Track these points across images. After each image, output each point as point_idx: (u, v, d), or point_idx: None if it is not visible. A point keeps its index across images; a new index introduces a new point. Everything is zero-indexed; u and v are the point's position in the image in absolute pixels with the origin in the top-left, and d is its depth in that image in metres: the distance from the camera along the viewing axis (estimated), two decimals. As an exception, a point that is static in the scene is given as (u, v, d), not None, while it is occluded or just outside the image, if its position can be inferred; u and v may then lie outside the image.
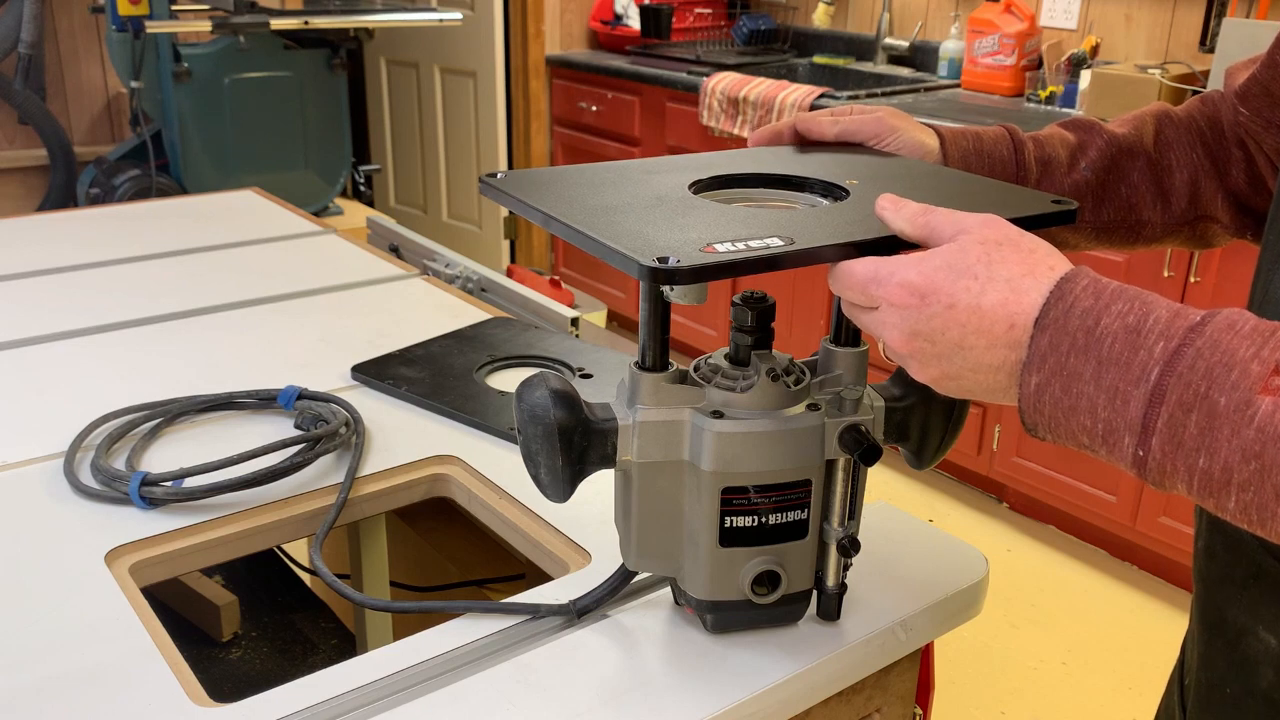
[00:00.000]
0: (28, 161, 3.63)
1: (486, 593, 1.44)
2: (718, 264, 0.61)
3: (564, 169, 0.81)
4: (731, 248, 0.63)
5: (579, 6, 4.12)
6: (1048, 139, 0.89)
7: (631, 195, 0.75)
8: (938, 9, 3.54)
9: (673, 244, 0.64)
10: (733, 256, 0.62)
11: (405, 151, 4.54)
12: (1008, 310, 0.57)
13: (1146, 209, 0.89)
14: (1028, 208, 0.72)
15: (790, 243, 0.64)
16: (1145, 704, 2.20)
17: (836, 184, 0.78)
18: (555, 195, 0.75)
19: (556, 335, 1.31)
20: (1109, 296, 0.55)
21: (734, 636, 0.78)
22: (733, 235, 0.66)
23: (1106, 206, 0.89)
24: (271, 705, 0.72)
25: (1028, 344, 0.56)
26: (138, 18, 2.98)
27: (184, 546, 0.91)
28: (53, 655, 0.76)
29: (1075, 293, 0.55)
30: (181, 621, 1.47)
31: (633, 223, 0.69)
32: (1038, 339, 0.56)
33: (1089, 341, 0.54)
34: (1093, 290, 0.55)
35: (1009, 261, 0.58)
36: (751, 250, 0.63)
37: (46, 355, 1.27)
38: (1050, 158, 0.88)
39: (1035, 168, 0.88)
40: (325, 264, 1.61)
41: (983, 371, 0.59)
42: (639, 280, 0.63)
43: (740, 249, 0.63)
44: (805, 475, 0.72)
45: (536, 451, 0.70)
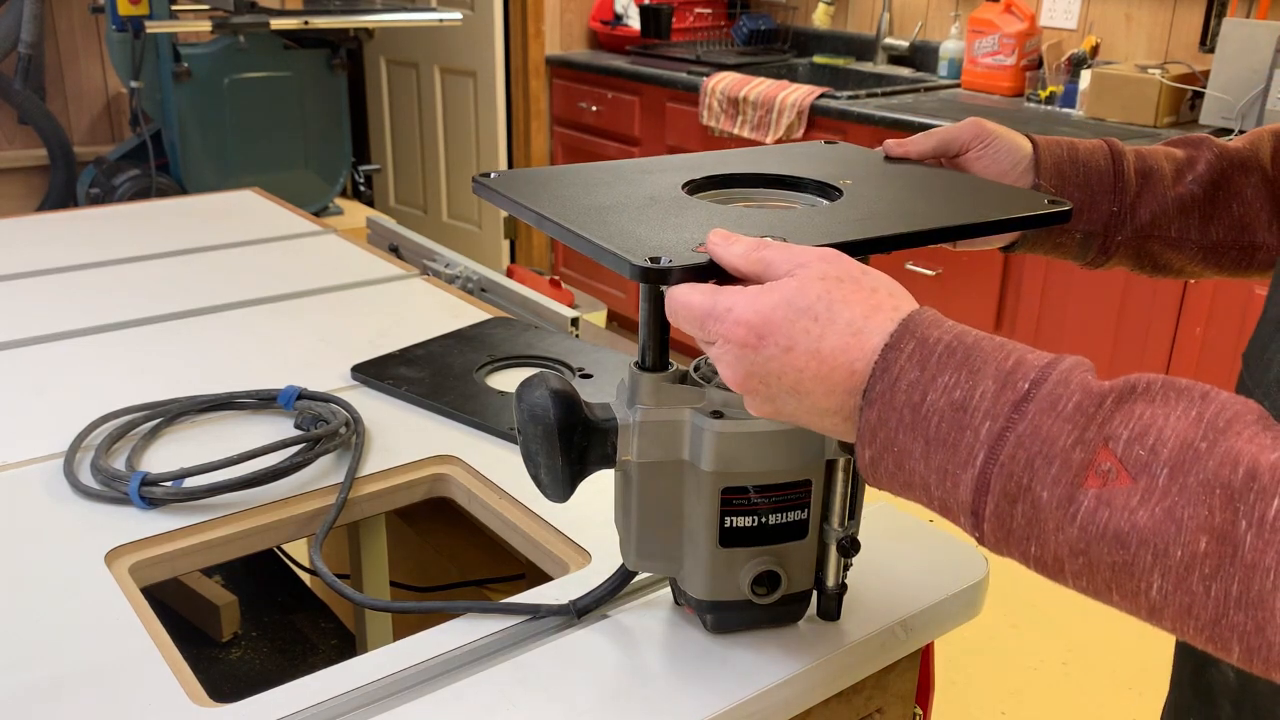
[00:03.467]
0: (28, 161, 3.63)
1: (486, 593, 1.44)
2: (709, 264, 0.61)
3: (558, 169, 0.81)
4: None
5: (579, 6, 4.12)
6: (1150, 153, 0.84)
7: (625, 195, 0.75)
8: (938, 9, 3.54)
9: (665, 244, 0.64)
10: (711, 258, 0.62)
11: (405, 151, 4.54)
12: (848, 356, 0.54)
13: (1262, 230, 0.83)
14: (1021, 208, 0.72)
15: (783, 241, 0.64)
16: (1145, 704, 2.20)
17: (831, 184, 0.78)
18: (549, 195, 0.75)
19: (556, 335, 1.31)
20: (935, 365, 0.51)
21: (734, 636, 0.78)
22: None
23: (1216, 225, 0.83)
24: (271, 705, 0.72)
25: (862, 395, 0.54)
26: (138, 18, 2.98)
27: (184, 546, 0.91)
28: (52, 655, 0.76)
29: (900, 362, 0.52)
30: (181, 621, 1.47)
31: (626, 223, 0.69)
32: (866, 412, 0.53)
33: (915, 419, 0.51)
34: (919, 357, 0.52)
35: (850, 301, 0.55)
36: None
37: (46, 355, 1.27)
38: (1152, 169, 0.83)
39: (1135, 180, 0.82)
40: (325, 264, 1.61)
41: (820, 415, 0.56)
42: (632, 280, 0.63)
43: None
44: (805, 475, 0.72)
45: (536, 451, 0.70)
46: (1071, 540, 0.47)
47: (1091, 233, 0.84)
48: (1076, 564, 0.48)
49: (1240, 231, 0.84)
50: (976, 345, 0.52)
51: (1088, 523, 0.47)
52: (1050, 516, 0.48)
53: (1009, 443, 0.49)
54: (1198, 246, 0.84)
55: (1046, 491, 0.48)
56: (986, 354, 0.51)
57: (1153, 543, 0.45)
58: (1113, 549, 0.46)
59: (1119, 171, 0.83)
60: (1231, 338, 2.42)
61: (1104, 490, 0.46)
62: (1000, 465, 0.49)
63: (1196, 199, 0.83)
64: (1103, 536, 0.46)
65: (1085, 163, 0.83)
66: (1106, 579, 0.47)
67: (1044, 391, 0.49)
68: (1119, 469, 0.46)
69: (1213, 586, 0.44)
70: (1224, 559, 0.43)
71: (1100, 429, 0.47)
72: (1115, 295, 2.57)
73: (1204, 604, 0.44)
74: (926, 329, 0.53)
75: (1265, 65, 2.57)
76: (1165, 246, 0.85)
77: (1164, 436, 0.46)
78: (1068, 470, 0.47)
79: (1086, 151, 0.83)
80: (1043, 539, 0.48)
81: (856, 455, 0.55)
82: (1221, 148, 0.84)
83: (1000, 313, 2.86)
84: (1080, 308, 2.67)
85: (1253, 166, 0.83)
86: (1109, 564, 0.47)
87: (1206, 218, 0.83)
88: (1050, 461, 0.48)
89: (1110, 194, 0.83)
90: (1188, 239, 0.84)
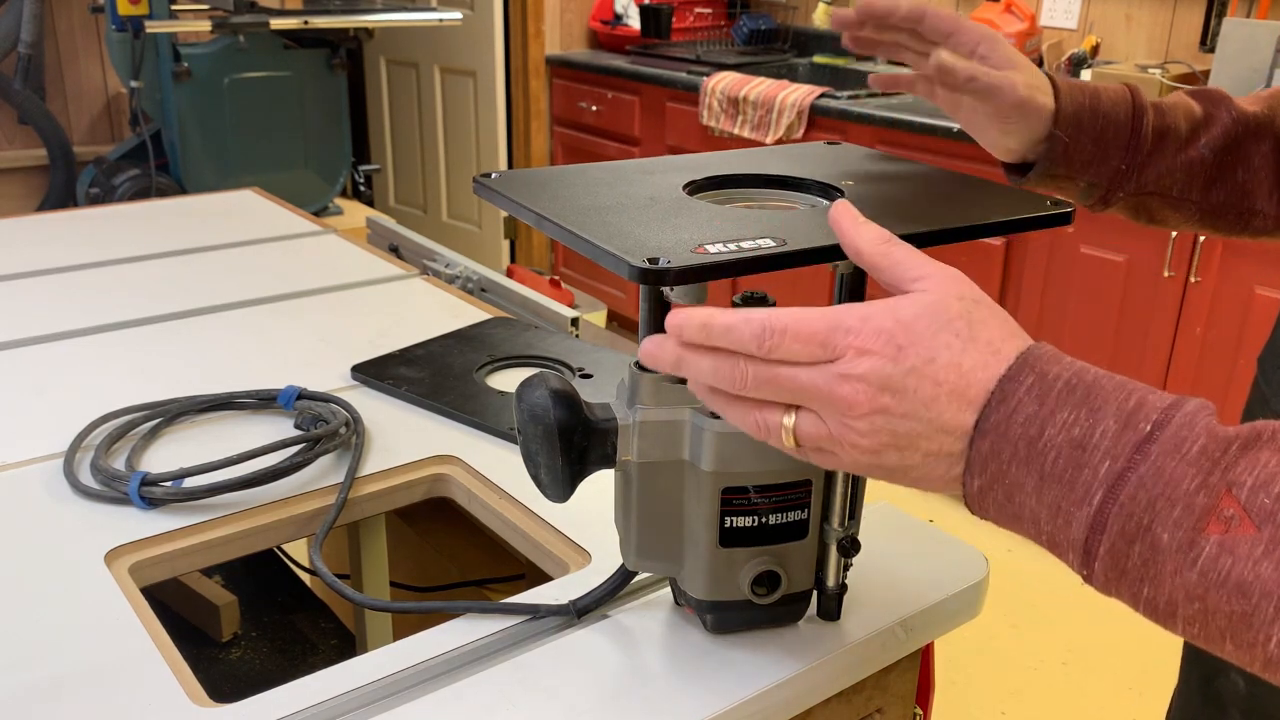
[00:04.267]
0: (28, 161, 3.63)
1: (486, 593, 1.44)
2: (708, 265, 0.61)
3: (558, 169, 0.81)
4: (723, 248, 0.63)
5: (579, 6, 4.12)
6: (1171, 108, 0.83)
7: (625, 195, 0.75)
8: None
9: (664, 244, 0.64)
10: (724, 257, 0.62)
11: (405, 151, 4.54)
12: (985, 375, 0.53)
13: (1263, 198, 0.83)
14: (1023, 209, 0.72)
15: (782, 243, 0.64)
16: (1145, 704, 2.20)
17: (833, 184, 0.78)
18: (549, 195, 0.75)
19: (556, 335, 1.31)
20: (1055, 401, 0.50)
21: (734, 636, 0.78)
22: (725, 236, 0.66)
23: (1218, 189, 0.83)
24: (271, 705, 0.72)
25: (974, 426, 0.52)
26: (138, 17, 2.98)
27: (184, 546, 0.91)
28: (52, 655, 0.76)
29: (1019, 394, 0.51)
30: (181, 621, 1.47)
31: (625, 223, 0.69)
32: (978, 443, 0.52)
33: (1030, 454, 0.50)
34: (1038, 391, 0.51)
35: (989, 324, 0.54)
36: (743, 251, 0.63)
37: (46, 355, 1.27)
38: (1169, 128, 0.81)
39: (1151, 138, 0.81)
40: (325, 264, 1.61)
41: (939, 434, 0.54)
42: (631, 281, 0.63)
43: (732, 250, 0.63)
44: (805, 475, 0.72)
45: (536, 451, 0.70)
46: (1190, 585, 0.47)
47: (1095, 184, 0.83)
48: (1191, 609, 0.47)
49: (1241, 197, 0.83)
50: (1096, 383, 0.51)
51: (1209, 569, 0.46)
52: (1169, 559, 0.47)
53: (1130, 483, 0.48)
54: (1197, 208, 0.84)
55: (1167, 534, 0.47)
56: (1107, 393, 0.50)
57: (1276, 594, 0.45)
58: (1233, 598, 0.46)
59: (1136, 129, 0.81)
60: (1232, 338, 2.42)
61: (1226, 537, 0.46)
62: (1120, 505, 0.48)
63: (1205, 163, 0.82)
64: (1223, 584, 0.46)
65: (1106, 115, 0.81)
66: (1222, 627, 0.47)
67: (1168, 434, 0.48)
68: (1243, 516, 0.46)
69: None
70: None
71: (1225, 475, 0.46)
72: (1115, 295, 2.57)
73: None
74: (1046, 364, 0.52)
75: (1265, 65, 2.57)
76: (1165, 204, 0.84)
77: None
78: (1190, 514, 0.46)
79: (1109, 103, 0.81)
80: (1158, 581, 0.48)
81: (965, 485, 0.54)
82: (1239, 111, 0.82)
83: (1000, 313, 2.86)
84: (1080, 308, 2.67)
85: (1266, 134, 0.82)
86: (1227, 613, 0.46)
87: (1210, 181, 0.82)
88: (1173, 504, 0.47)
89: (1123, 151, 0.81)
90: (1188, 199, 0.83)
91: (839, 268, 0.72)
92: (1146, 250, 2.48)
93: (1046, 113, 0.80)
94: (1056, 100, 0.80)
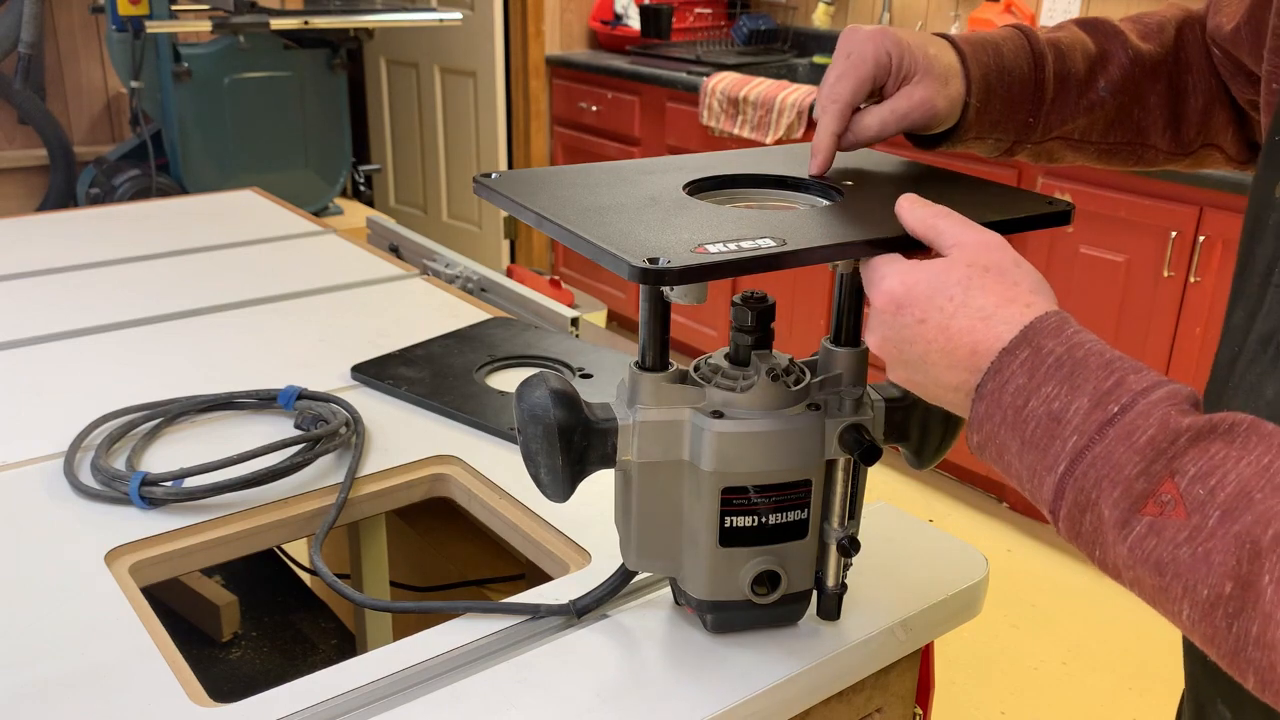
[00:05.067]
0: (28, 161, 3.63)
1: (486, 593, 1.44)
2: (707, 265, 0.62)
3: (558, 169, 0.81)
4: (723, 248, 0.63)
5: (579, 6, 4.12)
6: (1069, 48, 0.83)
7: (626, 195, 0.75)
8: (938, 9, 3.55)
9: (664, 245, 0.64)
10: (724, 257, 0.62)
11: (405, 151, 4.54)
12: (973, 337, 0.58)
13: (1156, 135, 0.86)
14: (1022, 209, 0.72)
15: (782, 243, 0.64)
16: (1146, 704, 2.20)
17: (833, 185, 0.78)
18: (549, 195, 0.75)
19: (556, 335, 1.31)
20: (1043, 375, 0.56)
21: (734, 636, 0.78)
22: (725, 236, 0.66)
23: (1117, 129, 0.85)
24: (271, 705, 0.72)
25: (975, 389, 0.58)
26: (138, 18, 2.98)
27: (184, 546, 0.91)
28: (53, 655, 0.76)
29: (1013, 366, 0.56)
30: (181, 621, 1.47)
31: (625, 223, 0.69)
32: (976, 404, 0.58)
33: (1016, 420, 0.56)
34: (1030, 365, 0.56)
35: (988, 290, 0.59)
36: (743, 251, 0.63)
37: (46, 355, 1.27)
38: (1068, 73, 0.82)
39: (1053, 85, 0.82)
40: (325, 264, 1.61)
41: (942, 388, 0.61)
42: (631, 281, 0.63)
43: (732, 249, 0.63)
44: (805, 475, 0.72)
45: (536, 451, 0.70)
46: (1122, 557, 0.52)
47: (1002, 139, 0.84)
48: (1127, 577, 0.53)
49: (1136, 134, 0.86)
50: (1084, 361, 0.55)
51: (1135, 546, 0.51)
52: (1109, 532, 0.52)
53: (1085, 460, 0.53)
54: (1095, 148, 0.86)
55: (1108, 510, 0.52)
56: (1090, 371, 0.55)
57: (1185, 577, 0.49)
58: (1152, 574, 0.51)
59: (1039, 81, 0.82)
60: (1231, 338, 2.42)
61: (1158, 520, 0.50)
62: (1075, 478, 0.53)
63: (1105, 106, 0.84)
64: (1145, 561, 0.51)
65: (1010, 71, 0.81)
66: (1150, 597, 0.52)
67: (1127, 419, 0.52)
68: (1178, 502, 0.50)
69: (1234, 624, 0.48)
70: (1246, 604, 0.47)
71: (1169, 463, 0.50)
72: (1115, 295, 2.57)
73: (1225, 637, 0.48)
74: (1043, 338, 0.57)
75: (1265, 65, 2.56)
76: (1065, 146, 0.86)
77: (1226, 479, 0.49)
78: (1128, 497, 0.51)
79: (1012, 57, 0.82)
80: (1104, 548, 0.53)
81: (966, 436, 0.60)
82: (1135, 50, 0.83)
83: (1000, 313, 2.86)
84: (1080, 308, 2.67)
85: (1160, 73, 0.84)
86: (1150, 585, 0.51)
87: (1109, 123, 0.85)
88: (1115, 485, 0.52)
89: (1029, 104, 0.83)
90: (1089, 141, 0.86)
91: (838, 267, 0.72)
92: (1146, 250, 2.48)
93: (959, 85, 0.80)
94: (964, 68, 0.80)
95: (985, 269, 0.60)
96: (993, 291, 0.59)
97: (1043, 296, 0.59)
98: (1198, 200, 2.38)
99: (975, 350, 0.58)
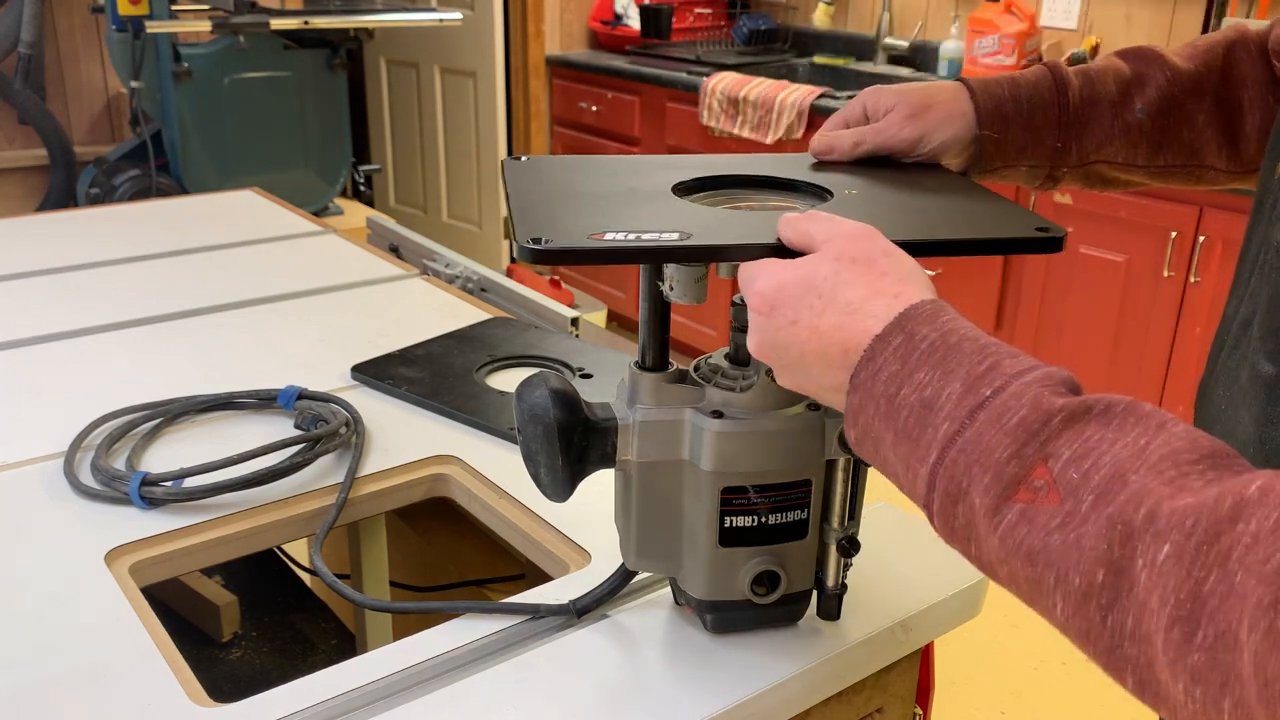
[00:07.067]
0: (28, 161, 3.63)
1: (486, 593, 1.44)
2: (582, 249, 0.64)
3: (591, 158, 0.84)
4: (617, 237, 0.65)
5: (579, 6, 4.12)
6: (1100, 74, 0.82)
7: (611, 186, 0.77)
8: (938, 9, 3.54)
9: (571, 229, 0.66)
10: (607, 245, 0.64)
11: (405, 151, 4.54)
12: (842, 335, 0.56)
13: (1212, 155, 0.83)
14: (1007, 230, 0.70)
15: (687, 238, 0.65)
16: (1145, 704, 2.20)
17: (820, 186, 0.78)
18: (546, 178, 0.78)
19: (556, 335, 1.31)
20: (915, 361, 0.53)
21: (734, 636, 0.78)
22: (638, 228, 0.66)
23: (1166, 152, 0.83)
24: (271, 705, 0.72)
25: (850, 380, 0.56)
26: (138, 18, 2.97)
27: (184, 546, 0.91)
28: (53, 655, 0.76)
29: (885, 354, 0.54)
30: (181, 621, 1.47)
31: (566, 211, 0.71)
32: (850, 396, 0.56)
33: (889, 410, 0.54)
34: (902, 352, 0.54)
35: (855, 284, 0.57)
36: (630, 242, 0.64)
37: (46, 355, 1.27)
38: (1098, 95, 0.81)
39: (1081, 108, 0.81)
40: (325, 264, 1.61)
41: (824, 390, 0.59)
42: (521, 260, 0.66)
43: (620, 239, 0.64)
44: (805, 475, 0.72)
45: (536, 451, 0.70)
46: (994, 550, 0.49)
47: (1037, 166, 0.84)
48: (1002, 572, 0.50)
49: (1190, 155, 0.83)
50: (958, 346, 0.53)
51: (1006, 535, 0.48)
52: (981, 522, 0.49)
53: (955, 446, 0.50)
54: (1146, 171, 0.84)
55: (979, 499, 0.49)
56: (964, 356, 0.52)
57: (1057, 565, 0.46)
58: (1024, 565, 0.47)
59: (1063, 104, 0.82)
60: (1231, 338, 2.42)
61: (1030, 507, 0.47)
62: (945, 467, 0.51)
63: (1145, 128, 0.82)
64: (1017, 551, 0.48)
65: (1028, 99, 0.81)
66: (1025, 593, 0.49)
67: (998, 401, 0.50)
68: (1051, 487, 0.47)
69: (1109, 617, 0.45)
70: (1120, 592, 0.44)
71: (1042, 447, 0.48)
72: (1115, 295, 2.57)
73: (1100, 632, 0.45)
74: (917, 324, 0.54)
75: (1265, 65, 2.56)
76: (1113, 169, 0.85)
77: (1101, 462, 0.46)
78: (999, 482, 0.48)
79: (1029, 86, 0.82)
80: (978, 542, 0.50)
81: (845, 435, 0.58)
82: (1174, 70, 0.82)
83: (1000, 313, 2.86)
84: (1080, 308, 2.67)
85: (1205, 91, 0.82)
86: (1023, 579, 0.48)
87: (1156, 146, 0.83)
88: (985, 470, 0.49)
89: (1055, 129, 0.82)
90: (1135, 165, 0.84)
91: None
92: (1146, 250, 2.48)
93: (969, 119, 0.81)
94: (974, 101, 0.81)
95: (852, 260, 0.58)
96: (860, 284, 0.57)
97: (913, 285, 0.57)
98: (1198, 200, 2.38)
99: (846, 348, 0.56)
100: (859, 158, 0.82)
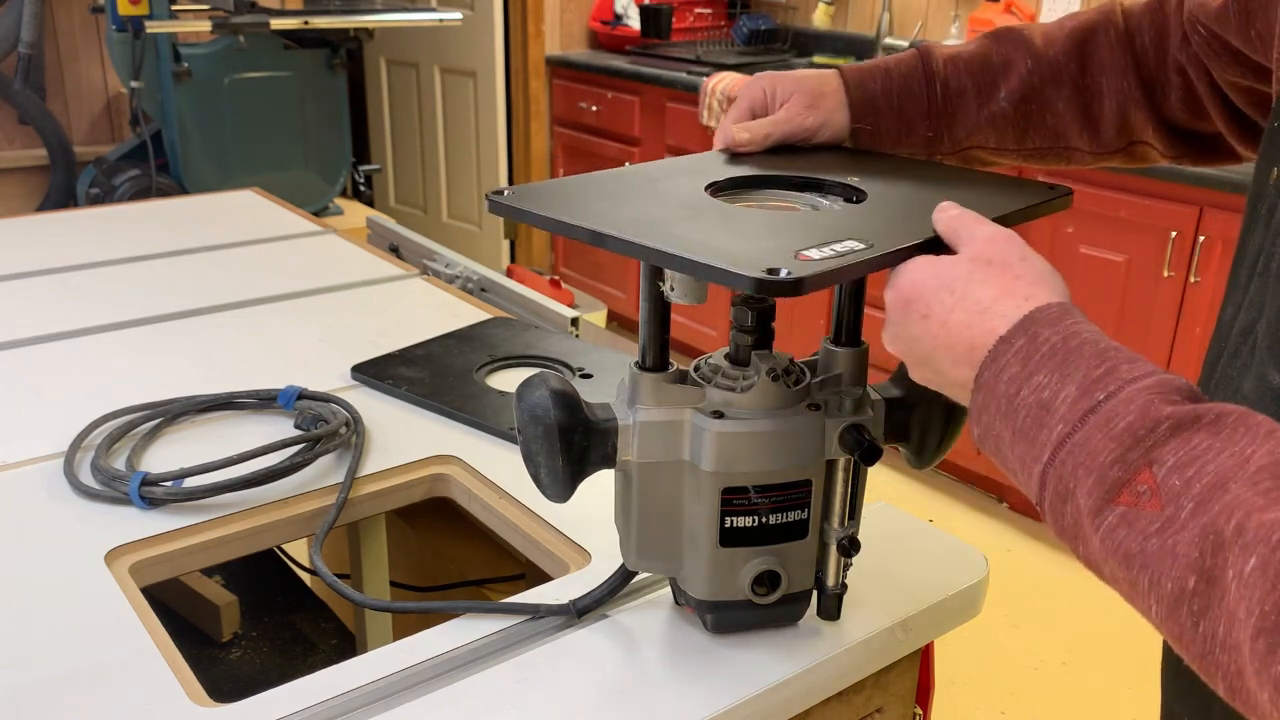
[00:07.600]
0: (28, 161, 3.63)
1: (486, 593, 1.44)
2: (823, 273, 0.60)
3: (565, 180, 0.78)
4: (818, 253, 0.62)
5: (579, 6, 4.12)
6: (968, 61, 0.86)
7: (656, 204, 0.73)
8: (938, 9, 3.54)
9: (758, 253, 0.62)
10: (833, 264, 0.61)
11: (405, 151, 4.54)
12: (970, 333, 0.58)
13: (1074, 137, 0.87)
14: (1019, 201, 0.73)
15: (870, 246, 0.64)
16: (1146, 704, 2.20)
17: (849, 185, 0.77)
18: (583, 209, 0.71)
19: (556, 335, 1.31)
20: (1035, 364, 0.55)
21: (734, 636, 0.78)
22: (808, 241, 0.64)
23: (1033, 136, 0.87)
24: (271, 705, 0.72)
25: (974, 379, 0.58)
26: (138, 18, 2.97)
27: (184, 546, 0.91)
28: (53, 655, 0.76)
29: (1008, 355, 0.56)
30: (181, 621, 1.47)
31: (694, 233, 0.66)
32: (975, 396, 0.57)
33: (1009, 410, 0.55)
34: (1024, 354, 0.55)
35: (988, 284, 0.59)
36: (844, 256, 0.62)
37: (46, 355, 1.27)
38: (964, 88, 0.86)
39: (950, 99, 0.86)
40: (325, 264, 1.61)
41: (950, 384, 0.61)
42: (744, 293, 0.62)
43: (829, 254, 0.62)
44: (805, 475, 0.72)
45: (536, 451, 0.70)
46: (1095, 550, 0.50)
47: (914, 154, 0.88)
48: (1105, 571, 0.51)
49: (1055, 139, 0.87)
50: (1079, 350, 0.54)
51: (1106, 537, 0.49)
52: (1086, 522, 0.51)
53: (1065, 448, 0.52)
54: (1017, 154, 0.89)
55: (1084, 500, 0.50)
56: (1083, 359, 0.54)
57: (1151, 569, 0.47)
58: (1120, 567, 0.49)
59: (931, 97, 0.86)
60: (1231, 338, 2.42)
61: (1131, 510, 0.48)
62: (1055, 467, 0.52)
63: (1009, 115, 0.86)
64: (1115, 553, 0.49)
65: (899, 93, 0.86)
66: (1124, 592, 0.50)
67: (1109, 406, 0.51)
68: (1154, 493, 0.48)
69: (1201, 624, 0.46)
70: (1212, 601, 0.45)
71: (1146, 453, 0.49)
72: (1115, 295, 2.57)
73: (1193, 637, 0.46)
74: (1041, 327, 0.56)
75: (1265, 65, 2.56)
76: (987, 153, 0.89)
77: (1204, 470, 0.47)
78: (1102, 485, 0.50)
79: (900, 79, 0.86)
80: (1084, 542, 0.52)
81: (971, 431, 0.60)
82: (1037, 57, 0.85)
83: (1000, 313, 2.86)
84: (1080, 307, 2.67)
85: (1064, 79, 0.86)
86: (1121, 579, 0.49)
87: (1021, 131, 0.87)
88: (1090, 473, 0.50)
89: (925, 119, 0.86)
90: (1006, 149, 0.88)
91: None
92: (1146, 250, 2.48)
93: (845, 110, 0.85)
94: (848, 94, 0.85)
95: (988, 262, 0.60)
96: (993, 284, 0.59)
97: (1045, 288, 0.59)
98: (1198, 200, 2.38)
99: (973, 345, 0.58)
100: (767, 148, 0.86)
